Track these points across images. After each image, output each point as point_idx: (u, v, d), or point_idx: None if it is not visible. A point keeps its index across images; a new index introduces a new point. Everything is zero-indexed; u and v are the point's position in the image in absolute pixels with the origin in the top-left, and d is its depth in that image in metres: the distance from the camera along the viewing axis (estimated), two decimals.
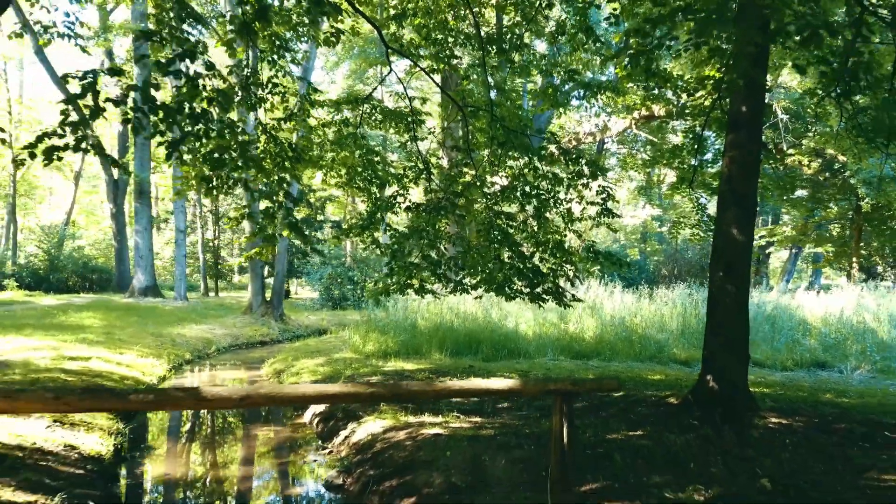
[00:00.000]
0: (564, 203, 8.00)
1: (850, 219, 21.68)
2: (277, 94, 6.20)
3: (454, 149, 9.31)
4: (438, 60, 8.10)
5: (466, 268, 8.08)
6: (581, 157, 7.85)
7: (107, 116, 5.03)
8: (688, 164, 10.68)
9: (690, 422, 5.77)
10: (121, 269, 27.09)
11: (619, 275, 19.33)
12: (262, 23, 4.40)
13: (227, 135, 4.58)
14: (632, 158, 23.99)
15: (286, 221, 6.46)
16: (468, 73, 9.77)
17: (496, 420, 6.45)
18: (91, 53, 25.72)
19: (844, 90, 5.14)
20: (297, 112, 7.53)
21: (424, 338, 11.22)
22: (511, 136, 7.50)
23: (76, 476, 4.92)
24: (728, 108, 6.61)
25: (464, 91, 8.68)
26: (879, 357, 10.85)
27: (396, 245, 7.66)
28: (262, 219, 6.38)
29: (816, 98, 7.10)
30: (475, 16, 8.71)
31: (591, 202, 7.90)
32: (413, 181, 8.15)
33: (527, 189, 7.92)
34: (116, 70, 3.90)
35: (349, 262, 31.89)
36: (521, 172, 8.09)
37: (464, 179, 8.22)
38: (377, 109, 8.50)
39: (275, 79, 6.18)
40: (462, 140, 8.45)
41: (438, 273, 7.78)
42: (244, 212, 7.08)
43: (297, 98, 7.59)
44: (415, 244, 7.82)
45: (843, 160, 17.31)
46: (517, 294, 7.74)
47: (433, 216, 7.74)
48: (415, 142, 8.26)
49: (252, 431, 7.85)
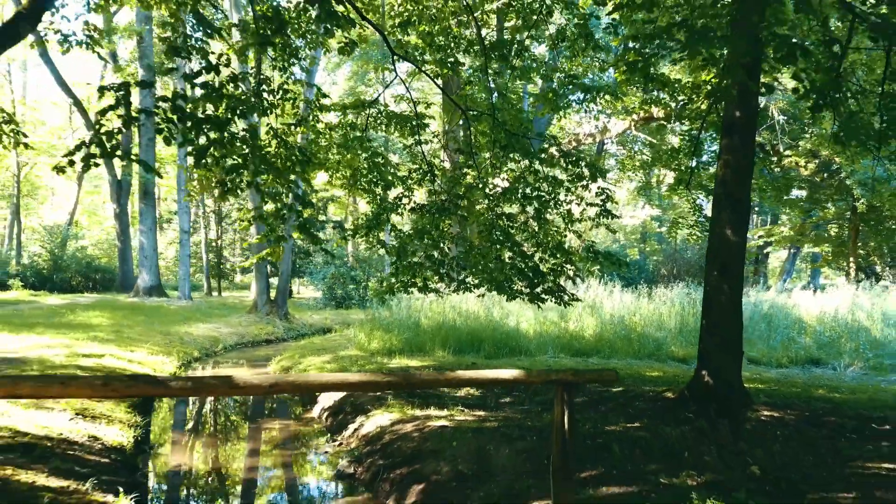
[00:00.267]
0: (564, 204, 8.21)
1: (847, 219, 21.91)
2: (288, 101, 6.45)
3: (457, 151, 9.52)
4: (442, 65, 8.31)
5: (468, 267, 8.32)
6: (581, 160, 8.05)
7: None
8: (685, 166, 10.90)
9: (686, 415, 6.01)
10: (124, 269, 27.26)
11: (619, 274, 19.50)
12: (280, 36, 4.65)
13: (247, 141, 4.83)
14: (630, 160, 24.25)
15: (296, 223, 6.72)
16: (470, 79, 9.98)
17: (499, 413, 6.71)
18: (108, 60, 25.69)
19: (832, 98, 5.38)
20: (306, 117, 7.78)
21: (428, 336, 11.41)
22: (512, 140, 7.70)
23: (102, 464, 5.18)
24: (723, 113, 6.83)
25: (466, 95, 8.89)
26: (872, 354, 11.09)
27: (401, 245, 7.91)
28: (273, 220, 6.63)
29: (809, 102, 7.32)
30: (477, 22, 8.94)
31: (591, 203, 8.11)
32: (417, 183, 8.37)
33: (527, 191, 8.13)
34: (147, 83, 4.15)
35: (351, 262, 32.13)
36: (522, 175, 8.31)
37: (466, 181, 8.45)
38: (382, 113, 8.73)
39: (285, 85, 6.42)
40: (464, 143, 8.68)
41: (441, 272, 8.02)
42: (255, 214, 7.31)
43: (306, 103, 7.82)
44: (418, 244, 8.06)
45: (839, 161, 17.51)
46: (517, 294, 7.98)
47: (437, 217, 7.98)
48: (419, 145, 8.49)
49: (263, 425, 8.12)
